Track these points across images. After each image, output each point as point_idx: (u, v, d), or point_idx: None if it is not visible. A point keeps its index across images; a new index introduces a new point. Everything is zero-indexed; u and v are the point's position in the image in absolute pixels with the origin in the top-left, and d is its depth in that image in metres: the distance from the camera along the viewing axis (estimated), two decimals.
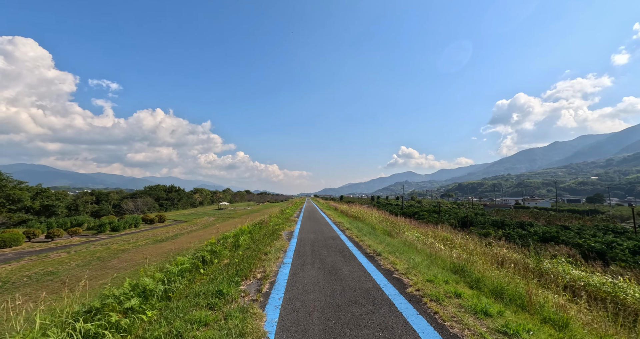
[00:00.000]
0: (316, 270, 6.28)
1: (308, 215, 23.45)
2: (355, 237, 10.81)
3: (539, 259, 10.18)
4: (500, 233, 31.13)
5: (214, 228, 38.07)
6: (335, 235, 11.55)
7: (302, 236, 11.26)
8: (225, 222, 45.66)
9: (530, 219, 47.97)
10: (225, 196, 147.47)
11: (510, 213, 56.62)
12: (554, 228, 33.37)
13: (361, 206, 46.90)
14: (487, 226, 38.80)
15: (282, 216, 21.37)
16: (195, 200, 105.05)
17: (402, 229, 12.91)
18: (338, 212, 26.57)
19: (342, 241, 10.24)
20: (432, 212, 49.20)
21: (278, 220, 18.23)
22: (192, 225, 42.12)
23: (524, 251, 13.06)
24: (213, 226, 38.90)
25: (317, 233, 12.00)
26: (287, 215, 22.72)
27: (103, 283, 16.63)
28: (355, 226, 13.75)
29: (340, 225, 15.25)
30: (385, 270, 6.19)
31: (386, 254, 7.52)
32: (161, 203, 77.28)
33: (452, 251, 9.42)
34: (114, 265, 20.36)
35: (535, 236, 28.80)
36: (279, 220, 18.93)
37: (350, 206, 35.08)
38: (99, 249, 26.53)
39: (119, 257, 23.00)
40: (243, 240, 9.36)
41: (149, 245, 28.19)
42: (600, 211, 73.92)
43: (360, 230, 12.15)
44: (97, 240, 32.93)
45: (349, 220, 18.63)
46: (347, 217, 20.89)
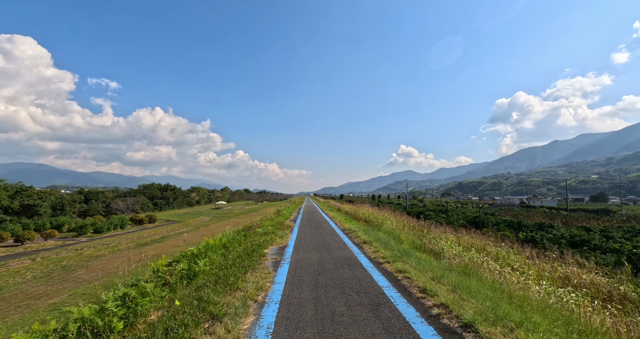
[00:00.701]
0: None
1: (308, 218, 19.95)
2: (386, 261, 6.63)
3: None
4: (522, 236, 27.94)
5: (206, 229, 34.80)
6: (349, 254, 7.59)
7: (298, 257, 7.36)
8: (219, 222, 42.46)
9: (545, 219, 44.82)
10: (223, 195, 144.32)
11: (522, 212, 53.54)
12: (576, 230, 30.22)
13: (362, 205, 43.76)
14: (502, 228, 35.57)
15: (277, 220, 17.97)
16: (192, 199, 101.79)
17: (435, 238, 9.64)
18: (342, 214, 23.26)
19: (367, 272, 5.94)
20: (439, 212, 46.01)
21: (270, 225, 14.84)
22: (183, 225, 38.90)
23: (595, 268, 9.81)
24: (206, 228, 35.60)
25: (322, 251, 7.91)
26: (283, 217, 19.11)
27: (53, 303, 13.52)
28: (375, 237, 9.52)
29: (352, 233, 11.23)
30: None
31: (480, 321, 3.53)
32: (155, 202, 73.98)
33: (527, 281, 6.20)
34: (78, 276, 17.16)
35: (563, 240, 25.61)
36: (272, 224, 15.55)
37: (356, 206, 31.87)
38: (69, 255, 23.28)
39: (88, 266, 19.79)
40: (204, 265, 5.83)
41: (129, 249, 24.99)
42: (611, 210, 70.94)
43: (386, 245, 8.12)
44: (74, 243, 29.69)
45: (361, 225, 14.89)
46: (356, 221, 17.27)
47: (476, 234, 18.84)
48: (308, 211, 26.16)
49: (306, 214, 23.44)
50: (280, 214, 22.46)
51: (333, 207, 34.54)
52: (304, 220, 18.07)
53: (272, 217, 19.68)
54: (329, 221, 17.91)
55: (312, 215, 21.87)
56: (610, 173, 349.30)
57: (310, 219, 18.90)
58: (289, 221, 17.30)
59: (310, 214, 23.24)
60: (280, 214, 22.46)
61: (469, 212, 49.98)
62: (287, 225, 15.40)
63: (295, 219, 19.20)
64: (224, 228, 30.13)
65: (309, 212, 25.42)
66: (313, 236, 11.06)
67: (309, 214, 23.26)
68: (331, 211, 25.94)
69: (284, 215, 21.81)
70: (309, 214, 23.26)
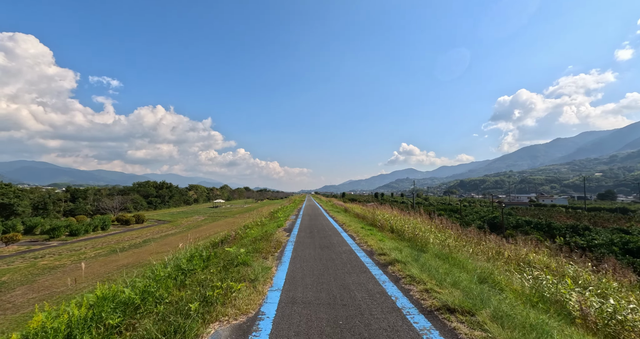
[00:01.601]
0: None
1: (309, 224, 15.27)
2: None
3: None
4: (560, 241, 24.12)
5: (197, 230, 31.22)
6: None
7: None
8: (214, 222, 39.02)
9: (569, 220, 41.08)
10: (222, 193, 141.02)
11: (541, 212, 49.68)
12: (614, 232, 26.45)
13: (367, 204, 40.18)
14: (529, 230, 31.82)
15: (270, 225, 14.04)
16: (190, 197, 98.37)
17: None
18: (352, 216, 19.37)
19: None
20: (450, 211, 42.16)
21: (254, 237, 10.49)
22: (174, 226, 35.38)
23: None
24: (197, 229, 32.04)
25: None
26: (276, 223, 14.53)
27: None
28: (458, 285, 4.43)
29: (397, 268, 5.77)
30: None
31: None
32: (150, 200, 70.48)
33: None
34: (8, 299, 13.33)
35: (615, 248, 21.82)
36: (259, 233, 11.32)
37: (365, 206, 28.21)
38: (19, 266, 19.26)
39: (34, 282, 15.87)
40: None
41: (98, 257, 21.25)
42: (629, 209, 67.21)
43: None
44: (41, 248, 25.95)
45: (395, 242, 9.51)
46: (378, 231, 12.29)
47: (497, 237, 15.16)
48: (309, 214, 21.79)
49: (307, 217, 19.10)
50: (274, 217, 18.58)
51: (338, 207, 30.90)
52: (304, 229, 13.34)
53: (264, 221, 15.78)
54: (339, 231, 12.65)
55: (314, 220, 17.29)
56: (615, 171, 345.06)
57: (313, 227, 13.97)
58: (280, 232, 12.28)
59: (312, 218, 18.84)
60: (275, 217, 18.58)
61: (482, 211, 46.24)
62: (277, 239, 10.20)
63: (292, 226, 14.37)
64: (219, 229, 26.29)
65: (311, 215, 20.95)
66: (319, 274, 5.58)
67: (310, 218, 18.91)
68: (338, 214, 21.88)
69: (278, 218, 17.49)
70: (310, 218, 18.91)
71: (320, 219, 17.86)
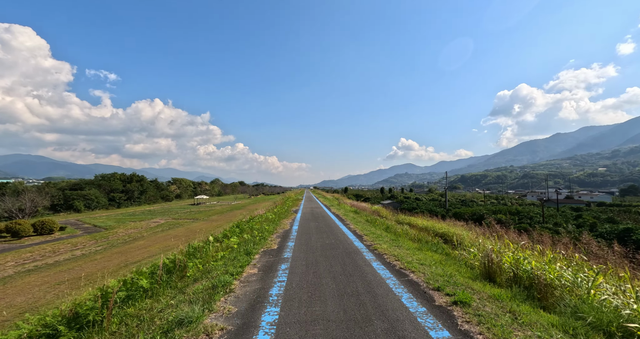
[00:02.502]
0: None
1: (315, 263, 6.38)
2: None
3: None
4: None
5: (117, 251, 19.82)
6: None
7: None
8: (169, 231, 27.59)
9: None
10: (212, 187, 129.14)
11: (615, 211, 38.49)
12: None
13: (394, 210, 29.36)
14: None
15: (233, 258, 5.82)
16: (171, 192, 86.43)
17: None
18: (393, 234, 9.50)
19: None
20: (509, 214, 30.21)
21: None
22: (100, 239, 23.37)
23: None
24: (125, 246, 20.52)
25: None
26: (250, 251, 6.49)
27: None
28: None
29: None
30: None
31: None
32: (112, 197, 58.74)
33: None
34: None
35: None
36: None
37: (386, 209, 17.06)
38: None
39: None
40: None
41: None
42: None
43: None
44: None
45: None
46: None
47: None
48: (313, 227, 12.54)
49: (305, 237, 9.85)
50: (240, 237, 9.29)
51: (346, 208, 19.98)
52: (304, 288, 4.74)
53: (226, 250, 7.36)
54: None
55: (330, 252, 7.51)
56: (618, 165, 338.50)
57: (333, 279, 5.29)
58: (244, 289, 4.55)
59: (321, 236, 9.94)
60: (241, 237, 9.25)
61: (567, 215, 33.80)
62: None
63: (278, 266, 6.12)
64: (155, 247, 15.08)
65: (317, 229, 11.72)
66: None
67: (319, 237, 9.89)
68: (363, 223, 13.47)
69: (246, 244, 8.38)
70: (319, 237, 9.89)
71: (340, 249, 7.89)
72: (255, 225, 12.85)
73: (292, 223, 14.31)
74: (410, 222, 17.70)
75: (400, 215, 23.48)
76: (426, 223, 15.34)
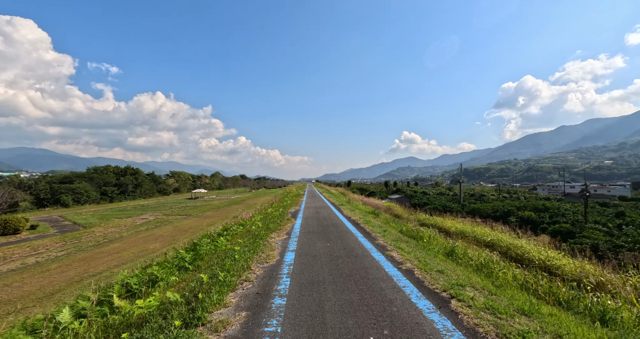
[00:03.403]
0: None
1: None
2: None
3: None
4: None
5: (80, 262, 16.98)
6: None
7: None
8: (154, 230, 24.52)
9: None
10: (212, 181, 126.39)
11: None
12: None
13: (402, 204, 25.93)
14: None
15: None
16: (168, 186, 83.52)
17: None
18: (485, 278, 5.68)
19: None
20: (536, 211, 26.29)
21: None
22: (62, 241, 20.14)
23: None
24: (91, 253, 17.59)
25: None
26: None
27: None
28: None
29: None
30: None
31: None
32: (104, 190, 55.80)
33: None
34: None
35: None
36: None
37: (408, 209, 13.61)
38: None
39: None
40: None
41: None
42: None
43: None
44: None
45: None
46: None
47: None
48: (330, 261, 6.48)
49: (307, 275, 5.52)
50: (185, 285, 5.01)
51: (357, 207, 16.26)
52: None
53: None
54: None
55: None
56: (625, 158, 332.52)
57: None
58: None
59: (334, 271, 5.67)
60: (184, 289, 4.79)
61: (570, 211, 29.97)
62: None
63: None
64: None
65: (337, 270, 5.77)
66: None
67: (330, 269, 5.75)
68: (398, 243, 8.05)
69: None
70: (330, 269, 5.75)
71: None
72: (223, 245, 8.07)
73: (285, 244, 8.16)
74: (436, 223, 14.47)
75: (420, 213, 20.23)
76: (461, 227, 12.10)
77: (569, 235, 17.72)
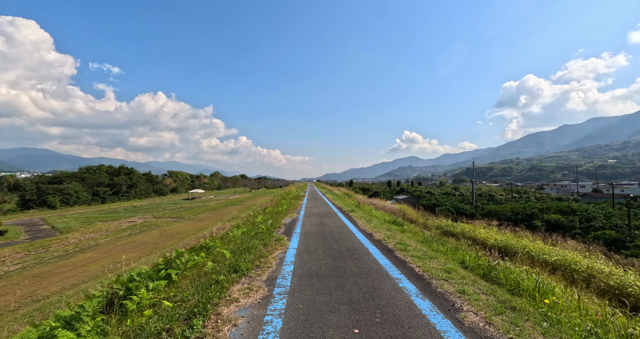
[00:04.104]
0: None
1: None
2: None
3: None
4: None
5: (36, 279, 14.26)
6: None
7: None
8: (144, 234, 22.11)
9: None
10: (212, 181, 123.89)
11: None
12: None
13: (417, 208, 23.26)
14: None
15: None
16: (165, 186, 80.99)
17: None
18: None
19: None
20: (561, 213, 23.05)
21: None
22: (22, 251, 17.44)
23: None
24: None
25: None
26: None
27: None
28: None
29: None
30: None
31: None
32: (96, 191, 53.29)
33: None
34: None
35: None
36: None
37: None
38: None
39: None
40: None
41: None
42: None
43: None
44: None
45: None
46: None
47: None
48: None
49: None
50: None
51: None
52: None
53: None
54: None
55: None
56: (629, 157, 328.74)
57: None
58: None
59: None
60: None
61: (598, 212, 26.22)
62: None
63: None
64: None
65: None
66: None
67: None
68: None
69: None
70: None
71: None
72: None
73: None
74: (464, 232, 11.83)
75: (436, 218, 17.59)
76: (502, 239, 9.50)
77: (615, 244, 15.06)
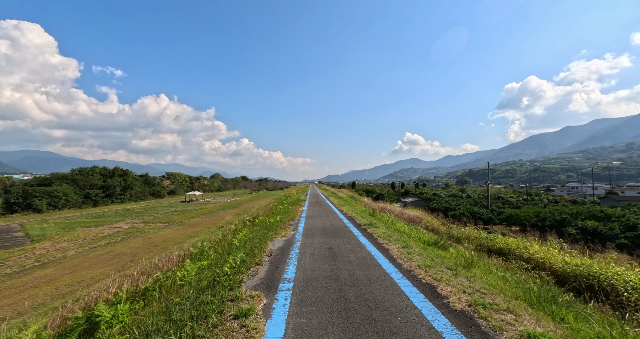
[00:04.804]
0: None
1: None
2: None
3: None
4: None
5: None
6: None
7: None
8: (126, 242, 19.51)
9: None
10: (211, 183, 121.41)
11: None
12: None
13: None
14: None
15: None
16: (163, 188, 78.49)
17: None
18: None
19: None
20: (584, 217, 20.27)
21: None
22: None
23: None
24: None
25: None
26: None
27: None
28: None
29: None
30: None
31: None
32: (87, 193, 50.84)
33: None
34: None
35: None
36: None
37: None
38: None
39: None
40: None
41: None
42: None
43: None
44: None
45: None
46: None
47: None
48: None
49: None
50: None
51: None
52: None
53: None
54: None
55: None
56: (634, 158, 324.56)
57: None
58: None
59: None
60: None
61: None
62: None
63: None
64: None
65: None
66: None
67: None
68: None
69: None
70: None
71: None
72: None
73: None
74: (511, 249, 9.17)
75: (467, 227, 14.93)
76: (571, 261, 6.83)
77: None
